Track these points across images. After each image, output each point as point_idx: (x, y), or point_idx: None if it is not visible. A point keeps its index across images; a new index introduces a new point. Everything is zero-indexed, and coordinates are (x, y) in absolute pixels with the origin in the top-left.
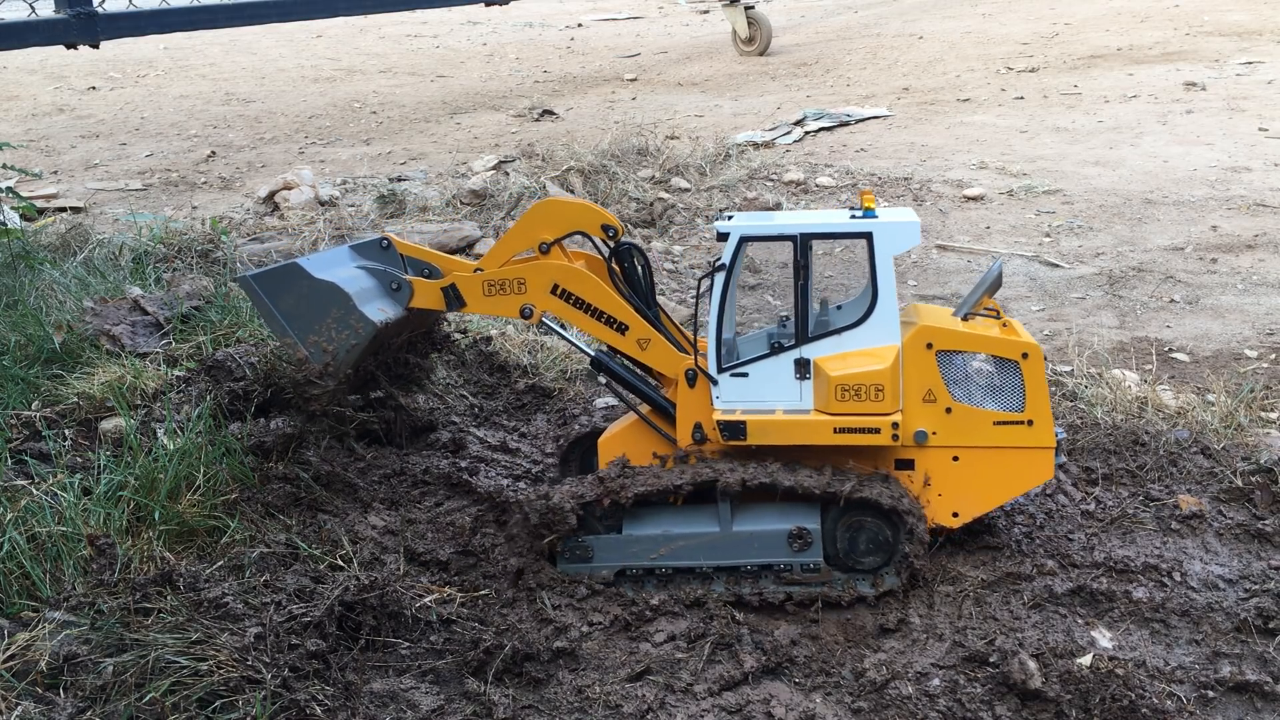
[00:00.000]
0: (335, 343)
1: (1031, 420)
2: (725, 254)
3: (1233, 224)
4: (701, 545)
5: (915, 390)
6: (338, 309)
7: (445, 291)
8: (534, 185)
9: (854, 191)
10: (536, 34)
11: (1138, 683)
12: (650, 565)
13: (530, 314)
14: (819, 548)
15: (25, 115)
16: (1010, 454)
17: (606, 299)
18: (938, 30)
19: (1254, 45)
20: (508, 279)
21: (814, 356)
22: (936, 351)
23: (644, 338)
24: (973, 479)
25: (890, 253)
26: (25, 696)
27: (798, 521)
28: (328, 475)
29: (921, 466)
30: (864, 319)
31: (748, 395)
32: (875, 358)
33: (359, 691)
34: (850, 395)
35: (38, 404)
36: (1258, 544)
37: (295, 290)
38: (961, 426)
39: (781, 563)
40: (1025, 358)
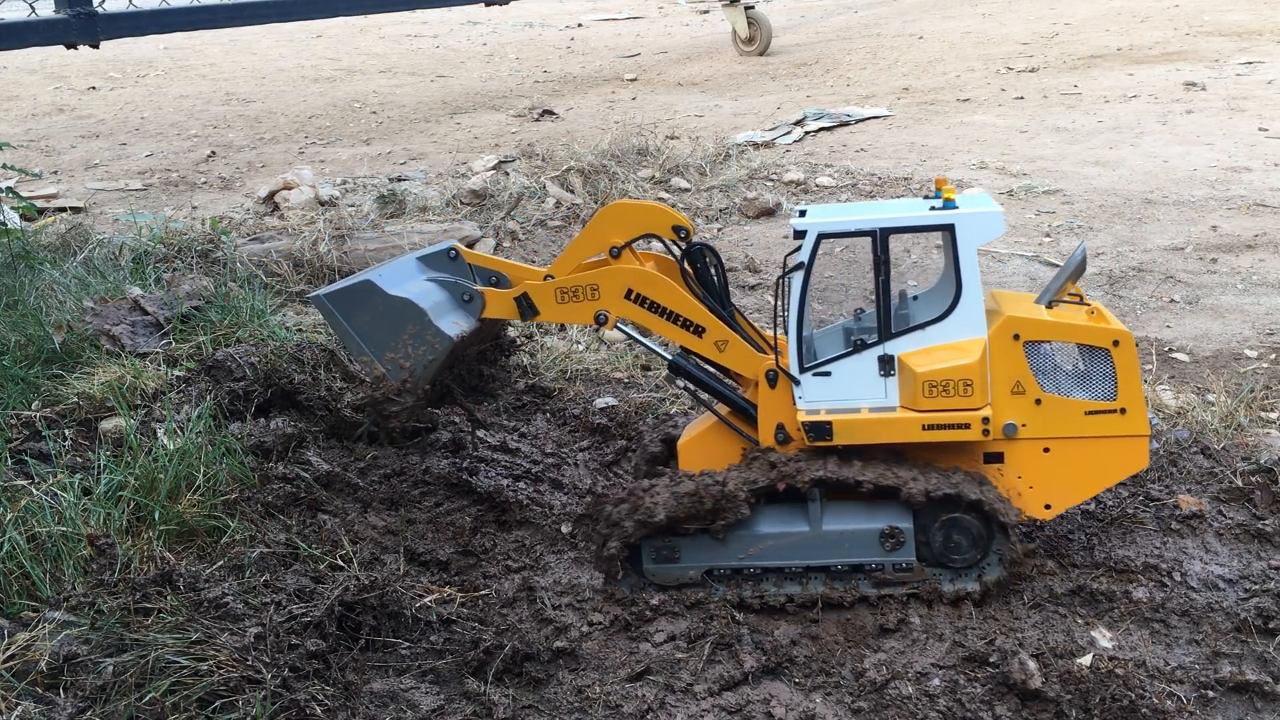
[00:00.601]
0: (412, 359)
1: (1125, 408)
2: (803, 252)
3: (1233, 224)
4: (791, 545)
5: (1003, 382)
6: (414, 325)
7: (518, 301)
8: (534, 185)
9: (854, 191)
10: (536, 34)
11: (1138, 683)
12: (739, 565)
13: (605, 320)
14: (911, 546)
15: (25, 115)
16: (1103, 443)
17: (682, 301)
18: (938, 30)
19: (1254, 45)
20: (580, 285)
21: (898, 352)
22: (1024, 342)
23: (722, 339)
24: (1065, 470)
25: (974, 244)
26: (25, 696)
27: (889, 520)
28: (328, 475)
29: (1011, 459)
30: (949, 312)
31: (831, 394)
32: (962, 352)
33: (359, 691)
34: (939, 391)
35: (38, 404)
36: (1258, 544)
37: (370, 307)
38: (1052, 417)
39: (873, 562)
40: (1116, 345)
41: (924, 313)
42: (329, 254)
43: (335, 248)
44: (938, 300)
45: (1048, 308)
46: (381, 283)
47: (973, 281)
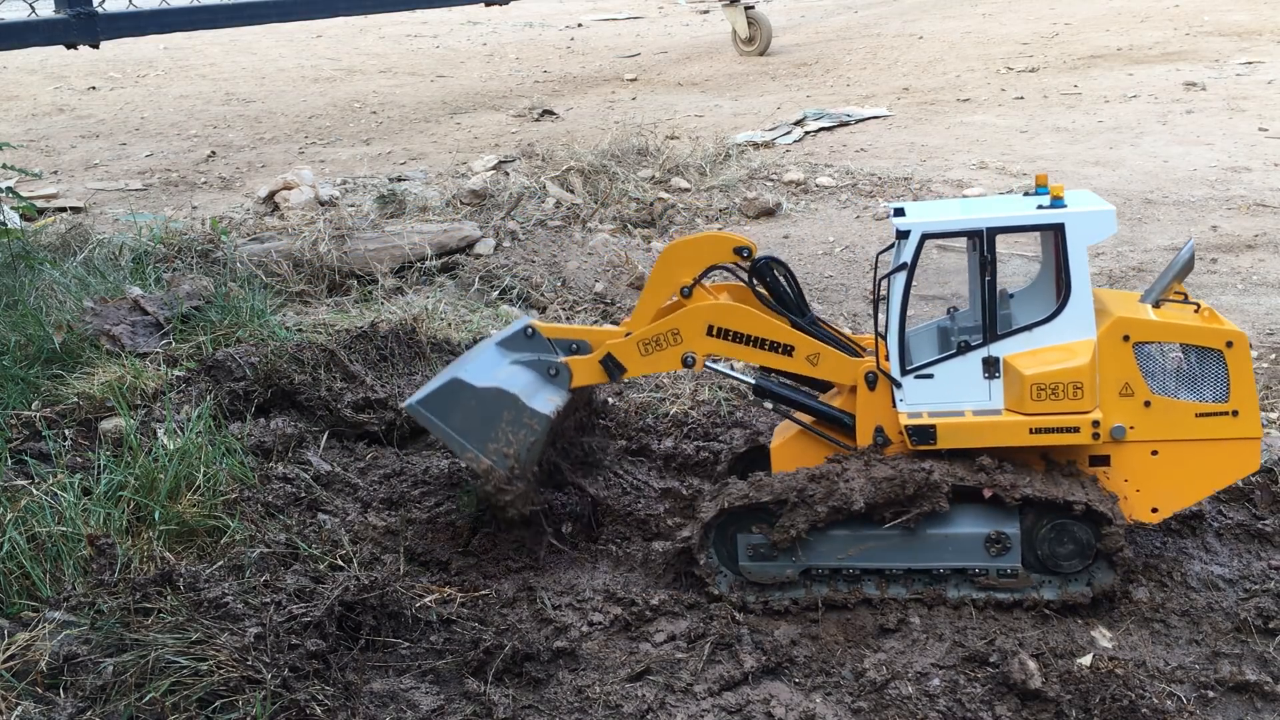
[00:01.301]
0: (515, 445)
1: (1237, 410)
2: (905, 252)
3: (1233, 224)
4: (894, 547)
5: (1112, 384)
6: (509, 411)
7: (604, 363)
8: (534, 185)
9: (854, 191)
10: (536, 34)
11: (1138, 683)
12: (838, 565)
13: (693, 362)
14: (1017, 552)
15: (25, 115)
16: (1214, 446)
17: (764, 325)
18: (938, 30)
19: (1254, 45)
20: (661, 333)
21: (1004, 354)
22: (1134, 343)
23: (813, 354)
24: (1172, 473)
25: (1084, 243)
26: (25, 696)
27: (995, 525)
28: (328, 475)
29: (1118, 462)
30: (1057, 313)
31: (933, 397)
32: (1071, 353)
33: (359, 691)
34: (1047, 394)
35: (38, 404)
36: (1258, 544)
37: (462, 404)
38: (1161, 420)
39: (977, 567)
40: (1230, 346)
41: (1024, 313)
42: (329, 254)
43: (335, 248)
44: (1038, 300)
45: (1154, 307)
46: (468, 378)
47: (1082, 282)
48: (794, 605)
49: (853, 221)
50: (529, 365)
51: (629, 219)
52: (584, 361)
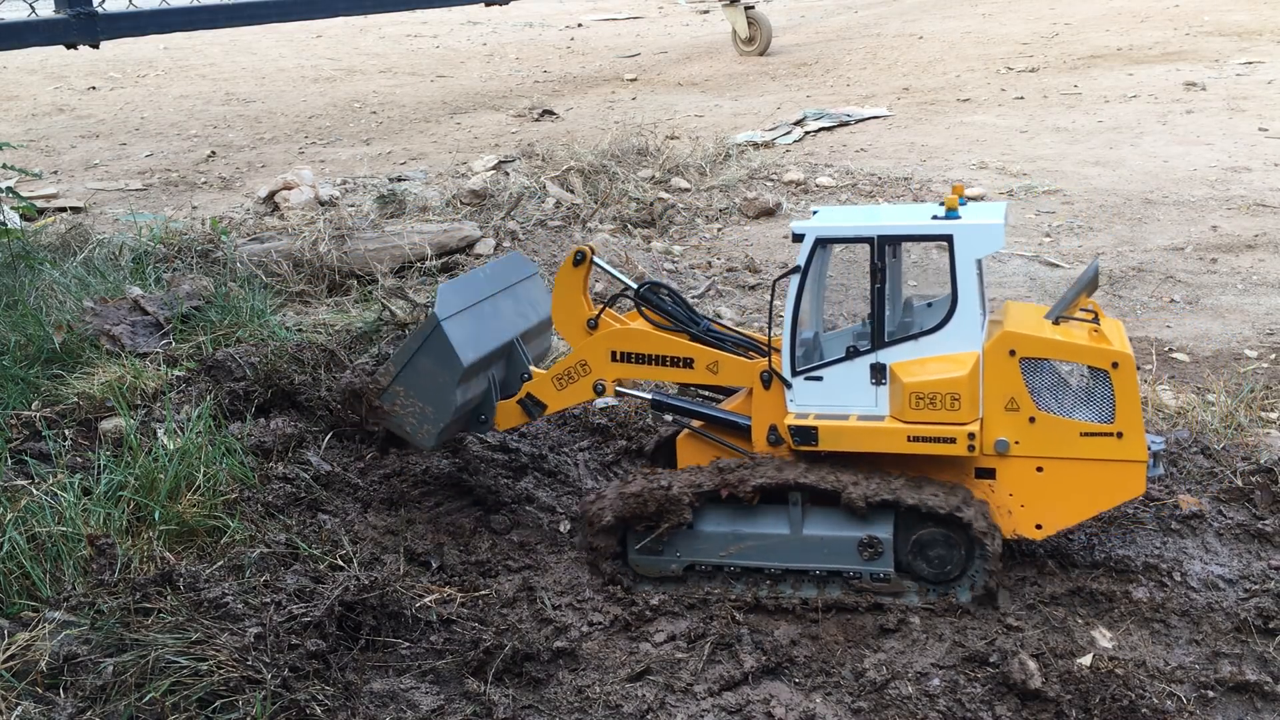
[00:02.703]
0: (410, 405)
1: (1122, 432)
2: (800, 255)
3: (1233, 224)
4: (771, 547)
5: (997, 398)
6: (434, 407)
7: (522, 404)
8: (534, 185)
9: (854, 191)
10: (536, 34)
11: (1138, 683)
12: (719, 563)
13: (603, 389)
14: (890, 557)
15: (25, 115)
16: (1098, 466)
17: (663, 344)
18: (938, 30)
19: (1254, 45)
20: (571, 367)
21: (890, 361)
22: (1020, 359)
23: (711, 363)
24: (1057, 491)
25: (971, 256)
26: (25, 696)
27: (869, 529)
28: (328, 475)
29: (1004, 476)
30: (943, 324)
31: (822, 399)
32: (953, 364)
33: (359, 691)
34: (925, 403)
35: (38, 404)
36: (1258, 544)
37: (438, 362)
38: (1046, 436)
39: (851, 570)
40: (1115, 367)
41: (926, 322)
42: (329, 254)
43: (335, 248)
44: (940, 310)
45: (1055, 323)
46: (461, 358)
47: (969, 293)
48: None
49: None
50: (486, 388)
51: (629, 219)
52: (505, 406)
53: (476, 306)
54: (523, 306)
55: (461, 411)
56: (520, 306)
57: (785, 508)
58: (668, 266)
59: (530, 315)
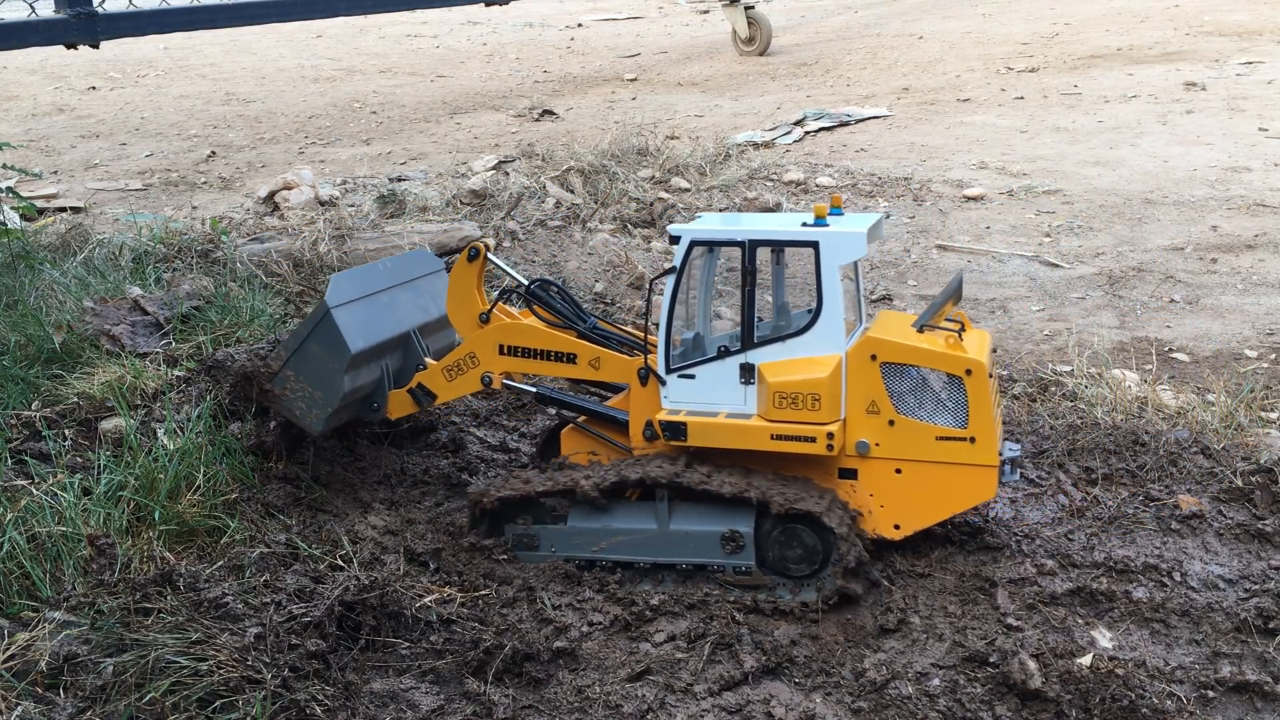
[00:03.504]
0: (298, 390)
1: (974, 437)
2: (676, 257)
3: (1233, 224)
4: (640, 542)
5: (859, 401)
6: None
7: (412, 393)
8: (534, 185)
9: (855, 191)
10: (536, 34)
11: (1138, 683)
12: (591, 558)
13: (490, 381)
14: (751, 551)
15: (25, 115)
16: (952, 470)
17: (547, 339)
18: (938, 30)
19: (1254, 45)
20: (460, 358)
21: (759, 362)
22: (881, 363)
23: (594, 359)
24: (914, 492)
25: (836, 263)
26: (25, 696)
27: (731, 524)
28: (328, 475)
29: (864, 477)
30: (808, 327)
31: (694, 397)
32: (816, 366)
33: (359, 691)
34: (788, 403)
35: (38, 404)
36: (1258, 544)
37: (326, 348)
38: (904, 439)
39: (715, 564)
40: (969, 374)
41: (796, 326)
42: (329, 254)
43: (335, 248)
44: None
45: (919, 331)
46: (350, 345)
47: (833, 299)
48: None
49: None
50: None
51: (629, 219)
52: (396, 395)
53: (371, 297)
54: (424, 300)
55: (350, 398)
56: (421, 300)
57: (653, 503)
58: (668, 266)
59: (431, 309)
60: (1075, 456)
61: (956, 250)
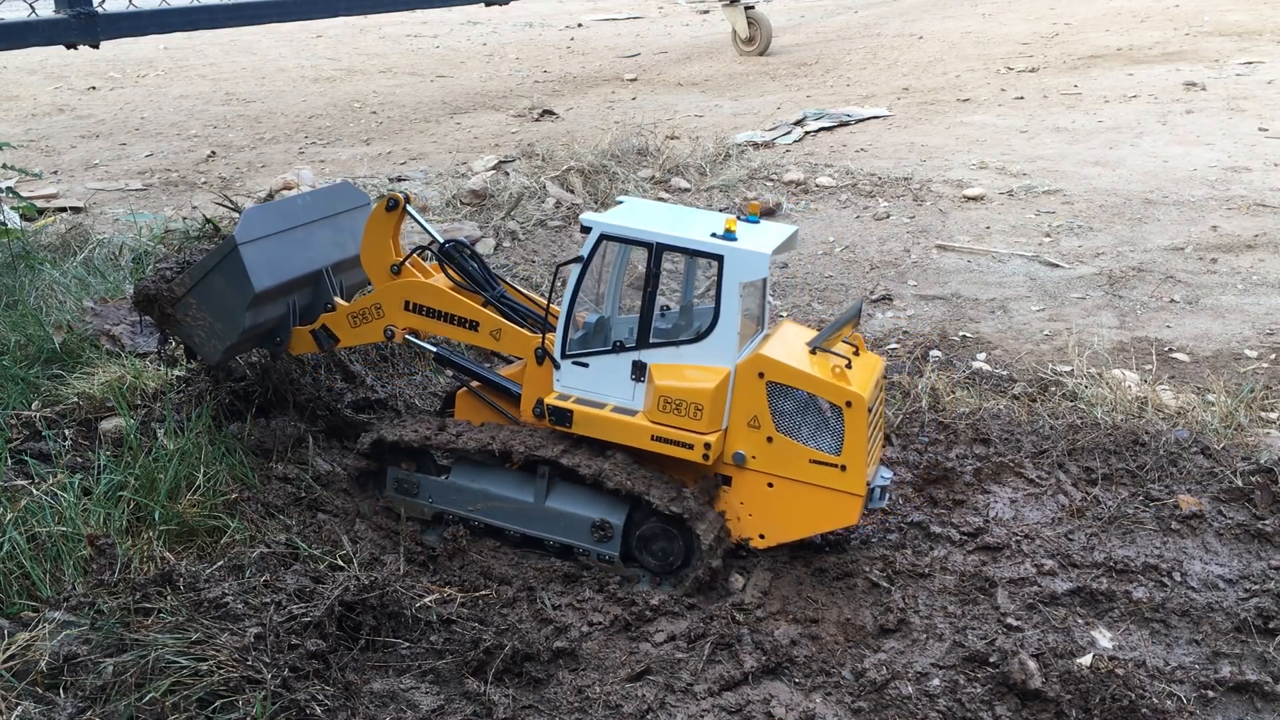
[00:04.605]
0: (199, 319)
1: (845, 465)
2: (585, 247)
3: (1233, 224)
4: (515, 511)
5: (742, 413)
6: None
7: (315, 334)
8: (534, 185)
9: (854, 191)
10: (536, 34)
11: (1138, 683)
12: (466, 516)
13: (393, 335)
14: (618, 543)
15: (25, 115)
16: (819, 493)
17: (453, 303)
18: (938, 30)
19: (1254, 45)
20: (366, 307)
21: (651, 362)
22: (767, 381)
23: (495, 329)
24: (782, 507)
25: (737, 278)
26: (25, 696)
27: (605, 514)
28: (328, 475)
29: (738, 485)
30: (703, 336)
31: (586, 384)
32: (704, 376)
33: (359, 691)
34: (672, 408)
35: (38, 404)
36: (1258, 544)
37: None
38: (779, 457)
39: (581, 548)
40: (849, 406)
41: (692, 330)
42: None
43: None
44: (704, 321)
45: (812, 353)
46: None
47: (730, 313)
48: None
49: (853, 221)
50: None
51: None
52: (299, 332)
53: (284, 234)
54: (342, 237)
55: (251, 333)
56: (339, 237)
57: (533, 477)
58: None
59: (349, 246)
60: (1075, 456)
61: (956, 250)
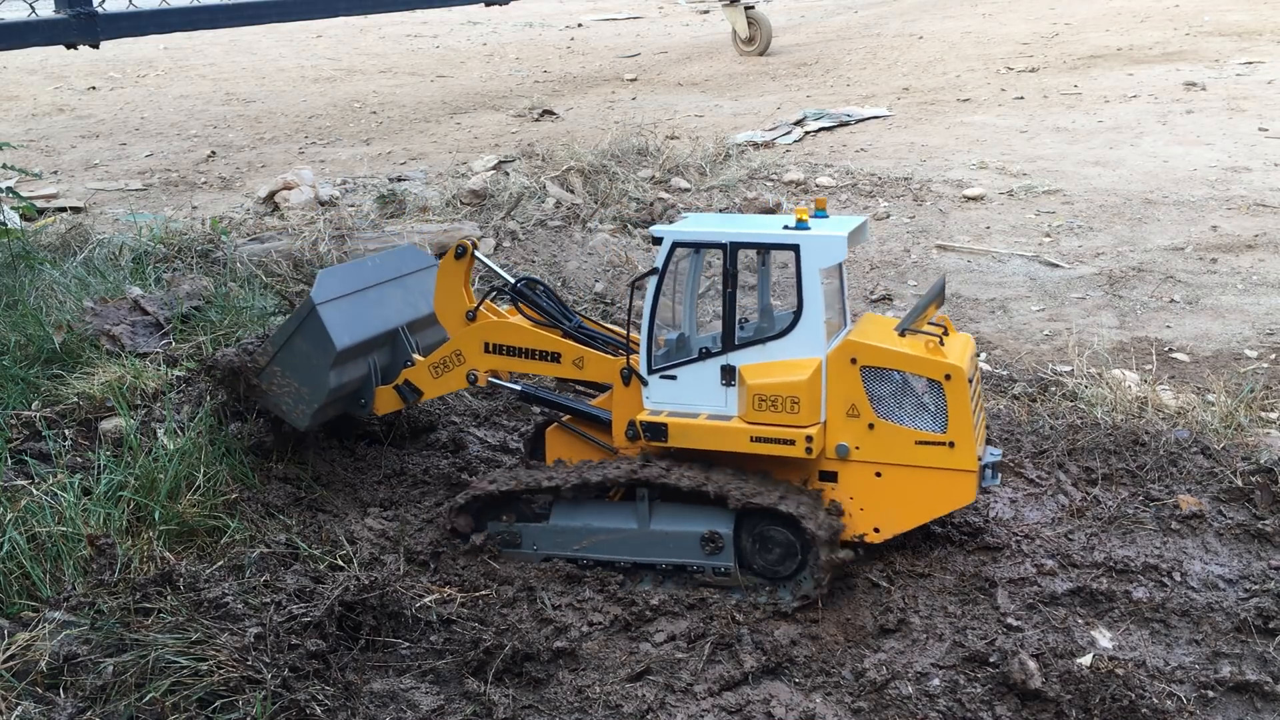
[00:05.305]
0: (285, 386)
1: (953, 442)
2: (658, 258)
3: (1233, 224)
4: (621, 541)
5: (839, 404)
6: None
7: (398, 390)
8: (534, 185)
9: (854, 191)
10: (536, 34)
11: (1138, 683)
12: (573, 556)
13: (475, 379)
14: (730, 552)
15: (25, 115)
16: (931, 474)
17: (532, 337)
18: (938, 30)
19: (1254, 45)
20: (446, 356)
21: (739, 364)
22: (861, 367)
23: (577, 358)
24: (894, 496)
25: (817, 265)
26: (25, 696)
27: (711, 525)
28: (328, 475)
29: (844, 479)
30: (789, 330)
31: (676, 398)
32: (795, 370)
33: (359, 691)
34: (767, 405)
35: (38, 404)
36: (1258, 544)
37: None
38: (884, 443)
39: (694, 564)
40: (948, 379)
41: (777, 328)
42: (329, 254)
43: (335, 248)
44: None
45: (901, 335)
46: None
47: (814, 301)
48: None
49: None
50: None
51: (629, 219)
52: (383, 391)
53: (359, 294)
54: (413, 296)
55: (337, 394)
56: (410, 296)
57: (634, 503)
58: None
59: (421, 306)
60: (1075, 456)
61: (956, 250)
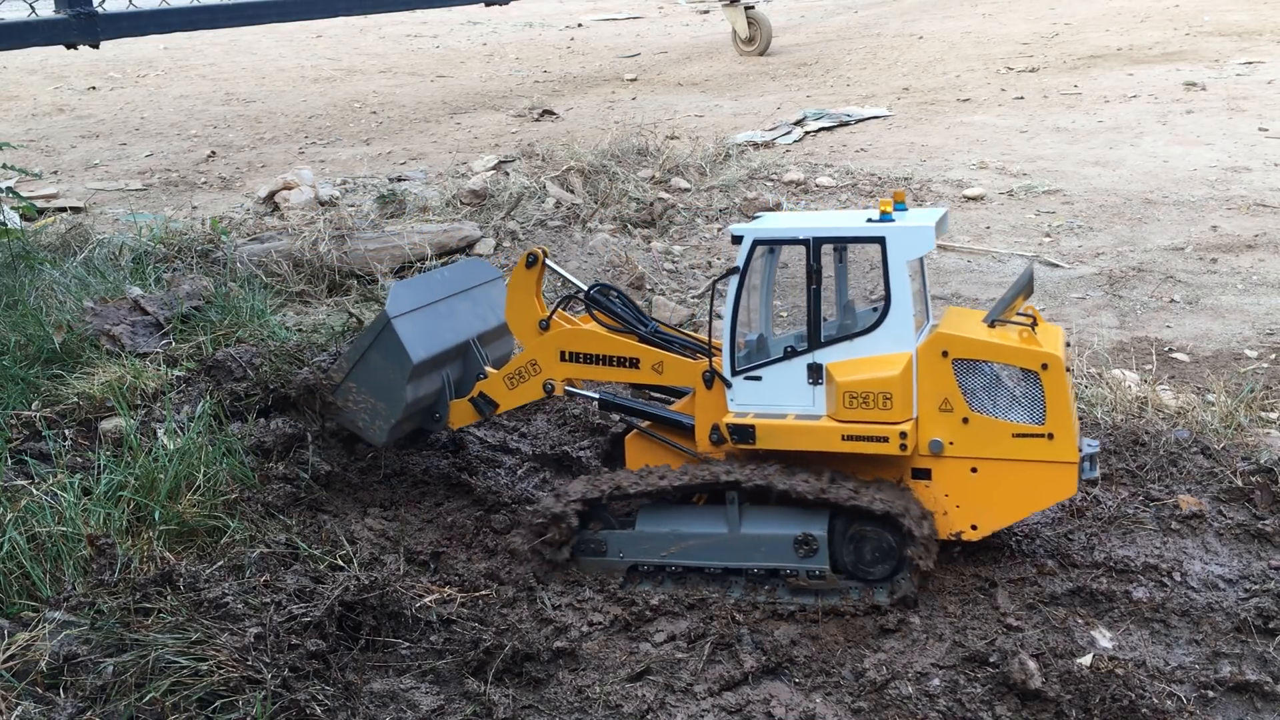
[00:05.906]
0: (361, 402)
1: (1052, 434)
2: (739, 257)
3: (1233, 224)
4: (711, 545)
5: (931, 398)
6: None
7: (474, 402)
8: (534, 185)
9: (854, 191)
10: (536, 34)
11: (1138, 683)
12: (661, 562)
13: (552, 389)
14: (825, 554)
15: (25, 115)
16: (1030, 467)
17: (609, 344)
18: (938, 30)
19: (1254, 45)
20: (522, 366)
21: (826, 362)
22: (953, 359)
23: (656, 363)
24: (992, 491)
25: (904, 258)
26: (25, 696)
27: (804, 527)
28: (328, 475)
29: (939, 476)
30: (877, 325)
31: (761, 399)
32: (886, 365)
33: (359, 691)
34: (858, 402)
35: (38, 404)
36: (1258, 544)
37: (389, 359)
38: (979, 437)
39: (788, 568)
40: (1045, 369)
41: (863, 324)
42: (329, 254)
43: (335, 248)
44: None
45: (990, 326)
46: (411, 355)
47: (902, 295)
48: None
49: None
50: (441, 385)
51: (629, 219)
52: (458, 405)
53: (431, 306)
54: (482, 309)
55: (413, 409)
56: (479, 309)
57: (723, 507)
58: (668, 266)
59: (490, 318)
60: None
61: (956, 250)
